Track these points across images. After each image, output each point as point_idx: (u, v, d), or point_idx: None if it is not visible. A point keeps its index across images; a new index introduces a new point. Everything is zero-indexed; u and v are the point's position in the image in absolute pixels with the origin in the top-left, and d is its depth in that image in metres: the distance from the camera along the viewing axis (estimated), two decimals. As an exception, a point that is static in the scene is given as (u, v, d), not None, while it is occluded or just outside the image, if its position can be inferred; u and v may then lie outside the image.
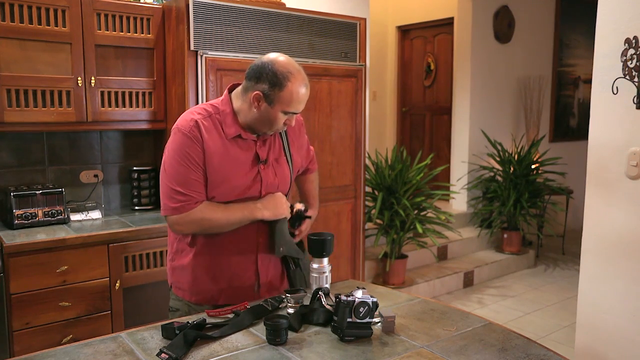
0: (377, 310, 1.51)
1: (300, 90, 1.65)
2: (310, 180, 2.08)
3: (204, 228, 1.70)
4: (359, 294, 1.46)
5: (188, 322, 1.47)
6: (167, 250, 2.80)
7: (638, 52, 2.11)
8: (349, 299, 1.45)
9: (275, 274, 1.84)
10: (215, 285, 1.76)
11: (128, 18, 2.86)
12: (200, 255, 1.76)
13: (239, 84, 1.75)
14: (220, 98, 1.77)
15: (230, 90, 1.77)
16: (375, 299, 1.48)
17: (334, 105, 3.39)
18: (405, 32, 6.49)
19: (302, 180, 2.06)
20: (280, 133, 1.84)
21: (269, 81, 1.63)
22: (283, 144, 1.84)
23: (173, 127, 1.71)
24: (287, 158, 1.84)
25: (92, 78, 2.78)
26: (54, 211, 2.77)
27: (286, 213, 1.77)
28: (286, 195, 1.85)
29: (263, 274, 1.80)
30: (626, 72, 2.15)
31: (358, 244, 3.64)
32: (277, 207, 1.74)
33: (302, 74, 1.67)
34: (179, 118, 1.73)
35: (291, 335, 1.46)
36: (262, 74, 1.64)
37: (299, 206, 1.85)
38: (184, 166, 1.65)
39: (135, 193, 3.17)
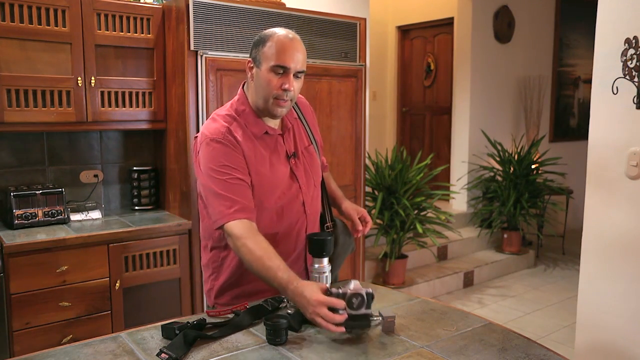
0: (378, 311, 1.51)
1: (283, 40, 1.58)
2: (329, 178, 1.99)
3: (241, 255, 1.57)
4: (351, 286, 1.45)
5: (188, 322, 1.47)
6: (166, 251, 2.81)
7: (638, 52, 2.11)
8: (341, 291, 1.43)
9: None
10: (264, 288, 1.68)
11: (128, 18, 2.86)
12: (245, 269, 1.65)
13: None
14: (235, 98, 1.72)
15: (244, 86, 1.73)
16: (370, 290, 1.44)
17: (334, 105, 3.39)
18: (405, 32, 6.49)
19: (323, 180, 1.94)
20: (300, 119, 1.79)
21: (255, 45, 1.63)
22: (306, 130, 1.79)
23: (202, 136, 1.65)
24: (313, 144, 1.79)
25: (92, 78, 2.78)
26: (54, 211, 2.77)
27: (309, 316, 1.42)
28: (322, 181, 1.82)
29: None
30: (626, 72, 2.15)
31: (358, 244, 3.64)
32: (303, 306, 1.43)
33: (287, 30, 1.62)
34: (205, 128, 1.66)
35: (291, 335, 1.46)
36: (252, 45, 1.65)
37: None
38: (225, 173, 1.58)
39: (135, 193, 3.17)
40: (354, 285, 1.44)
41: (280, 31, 1.62)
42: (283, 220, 1.70)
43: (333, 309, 1.39)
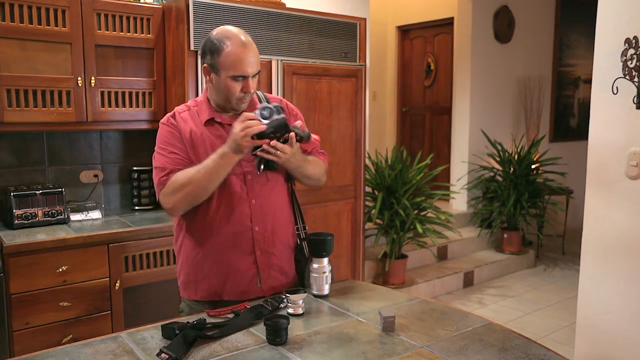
0: (378, 311, 1.51)
1: (238, 50, 1.65)
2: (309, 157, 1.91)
3: (188, 194, 1.64)
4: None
5: (188, 322, 1.47)
6: (166, 251, 2.81)
7: (638, 52, 2.11)
8: (252, 113, 1.59)
9: (280, 265, 1.81)
10: (215, 279, 1.75)
11: (128, 18, 2.86)
12: (197, 249, 1.76)
13: None
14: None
15: None
16: (277, 104, 1.61)
17: (334, 105, 3.39)
18: (405, 32, 6.49)
19: None
20: None
21: (209, 50, 1.68)
22: None
23: None
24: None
25: (92, 78, 2.78)
26: (54, 211, 2.77)
27: (243, 139, 1.56)
28: (287, 181, 1.84)
29: (263, 266, 1.77)
30: (626, 72, 2.15)
31: (358, 244, 3.64)
32: (233, 138, 1.58)
33: (240, 35, 1.68)
34: None
35: (291, 335, 1.46)
36: (204, 47, 1.70)
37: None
38: (164, 148, 1.73)
39: (135, 193, 3.17)
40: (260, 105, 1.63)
41: (232, 36, 1.67)
42: (222, 205, 1.73)
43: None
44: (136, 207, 3.17)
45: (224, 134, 1.72)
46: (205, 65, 1.71)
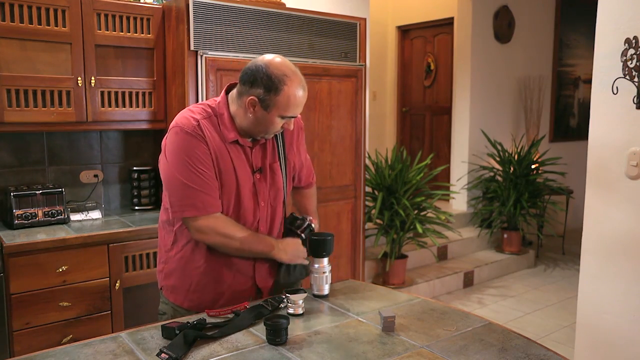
0: (378, 311, 1.51)
1: (297, 93, 1.60)
2: (308, 196, 2.00)
3: (224, 244, 1.67)
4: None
5: (188, 322, 1.47)
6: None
7: (638, 52, 2.11)
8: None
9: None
10: (210, 295, 1.74)
11: (128, 18, 2.86)
12: (202, 263, 1.72)
13: (236, 83, 1.70)
14: (217, 99, 1.73)
15: (228, 91, 1.73)
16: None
17: (334, 105, 3.39)
18: (405, 32, 6.50)
19: (300, 195, 1.98)
20: (275, 136, 1.79)
21: (264, 85, 1.58)
22: (278, 149, 1.79)
23: (172, 125, 1.67)
24: (280, 164, 1.79)
25: (92, 78, 2.78)
26: (54, 211, 2.77)
27: (301, 261, 1.78)
28: (283, 202, 1.84)
29: (261, 283, 1.79)
30: (626, 72, 2.15)
31: (358, 244, 3.64)
32: (296, 255, 1.77)
33: (298, 75, 1.61)
34: (178, 116, 1.69)
35: (291, 335, 1.46)
36: (256, 78, 1.59)
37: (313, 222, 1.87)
38: (195, 166, 1.61)
39: (135, 193, 3.17)
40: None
41: (291, 75, 1.60)
42: None
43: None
44: (136, 207, 3.17)
45: (242, 156, 1.70)
46: (252, 97, 1.60)
